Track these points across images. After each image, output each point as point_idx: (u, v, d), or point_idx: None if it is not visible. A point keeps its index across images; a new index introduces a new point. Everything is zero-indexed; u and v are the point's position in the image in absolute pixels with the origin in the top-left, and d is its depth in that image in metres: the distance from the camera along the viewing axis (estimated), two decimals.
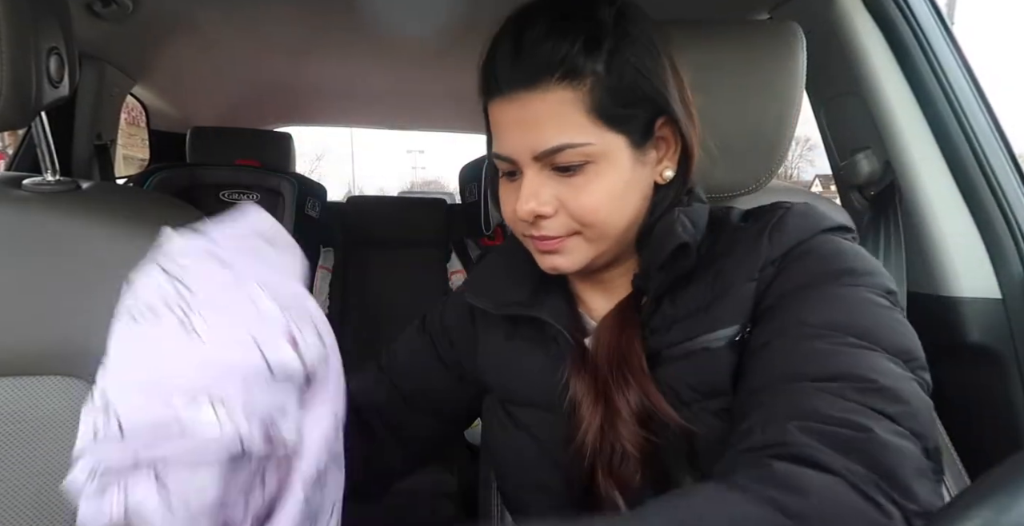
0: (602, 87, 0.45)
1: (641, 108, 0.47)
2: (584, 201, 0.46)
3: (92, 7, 1.04)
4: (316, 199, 1.81)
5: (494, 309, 0.56)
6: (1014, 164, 0.75)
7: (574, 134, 0.45)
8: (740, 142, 0.65)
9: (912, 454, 0.34)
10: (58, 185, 0.60)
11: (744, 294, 0.45)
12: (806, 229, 0.46)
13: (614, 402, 0.46)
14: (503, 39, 0.47)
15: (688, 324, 0.47)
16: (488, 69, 0.47)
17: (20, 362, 0.54)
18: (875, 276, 0.44)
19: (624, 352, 0.47)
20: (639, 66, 0.46)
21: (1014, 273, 0.73)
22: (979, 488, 0.24)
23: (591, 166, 0.46)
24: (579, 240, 0.48)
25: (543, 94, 0.44)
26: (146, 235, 0.58)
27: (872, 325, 0.40)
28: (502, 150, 0.48)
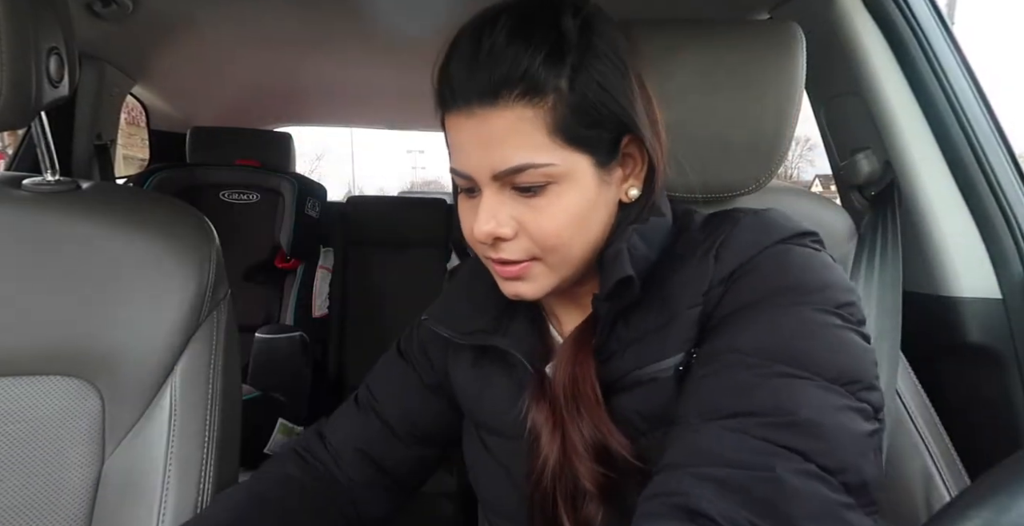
0: (564, 105, 0.42)
1: (605, 128, 0.44)
2: (545, 224, 0.44)
3: (92, 7, 1.04)
4: (316, 199, 1.81)
5: (457, 338, 0.54)
6: (1014, 164, 0.75)
7: (535, 154, 0.42)
8: (740, 142, 0.65)
9: (814, 495, 0.33)
10: (58, 185, 0.60)
11: (688, 320, 0.43)
12: (755, 244, 0.44)
13: (569, 435, 0.45)
14: (460, 45, 0.44)
15: (638, 350, 0.45)
16: (443, 78, 0.44)
17: (20, 362, 0.54)
18: (825, 290, 0.41)
19: (579, 382, 0.45)
20: (604, 83, 0.43)
21: (1014, 273, 0.72)
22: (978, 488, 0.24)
23: (553, 187, 0.43)
24: (540, 266, 0.46)
25: (502, 111, 0.41)
26: (146, 235, 0.59)
27: (809, 350, 0.38)
28: (460, 166, 0.45)
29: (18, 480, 0.54)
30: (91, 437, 0.56)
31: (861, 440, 0.36)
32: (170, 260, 0.58)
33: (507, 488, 0.52)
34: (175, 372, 0.57)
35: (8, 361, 0.54)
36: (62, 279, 0.55)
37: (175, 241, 0.59)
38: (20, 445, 0.54)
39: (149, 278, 0.57)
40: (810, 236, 0.46)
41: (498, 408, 0.52)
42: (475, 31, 0.43)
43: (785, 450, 0.34)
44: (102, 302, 0.56)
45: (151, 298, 0.57)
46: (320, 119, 2.33)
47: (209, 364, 0.59)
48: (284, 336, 1.50)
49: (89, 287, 0.56)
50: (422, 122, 2.37)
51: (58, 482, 0.55)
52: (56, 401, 0.55)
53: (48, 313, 0.55)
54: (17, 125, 0.55)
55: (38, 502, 0.54)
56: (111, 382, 0.56)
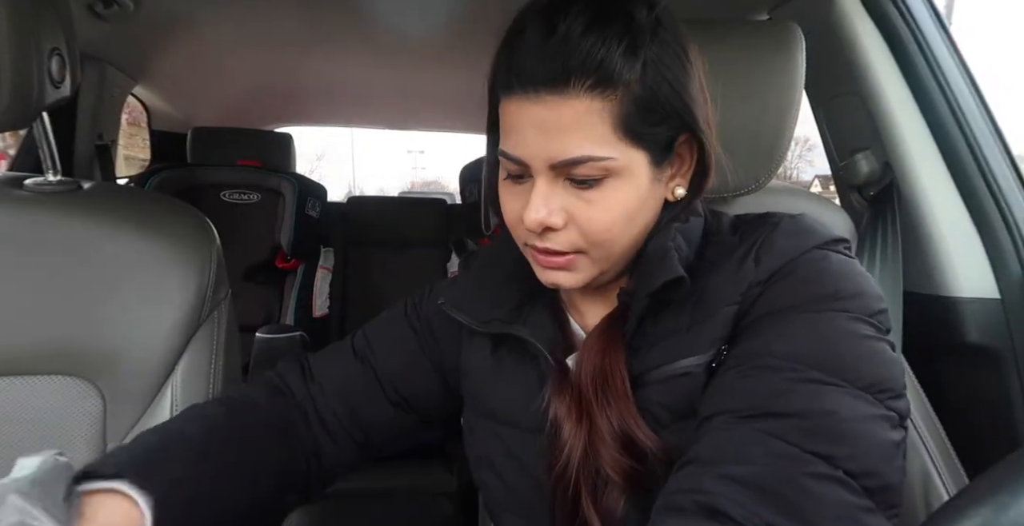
0: (632, 99, 0.41)
1: (667, 125, 0.43)
2: (597, 217, 0.44)
3: (94, 8, 1.04)
4: (316, 199, 1.81)
5: (475, 325, 0.53)
6: (1012, 165, 0.75)
7: (598, 147, 0.41)
8: (740, 142, 0.65)
9: (835, 499, 0.33)
10: (59, 185, 0.60)
11: (724, 318, 0.44)
12: (794, 248, 0.44)
13: (596, 425, 0.45)
14: (531, 25, 0.42)
15: (668, 346, 0.45)
16: (508, 58, 0.43)
17: (20, 361, 0.54)
18: (860, 298, 0.41)
19: (608, 374, 0.45)
20: (672, 81, 0.42)
21: (1013, 273, 0.73)
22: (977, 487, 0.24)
23: (609, 181, 0.43)
24: (584, 259, 0.46)
25: (571, 100, 0.40)
26: (147, 235, 0.59)
27: (843, 358, 0.39)
28: (515, 151, 0.44)
29: None
30: (92, 437, 0.56)
31: (888, 448, 0.37)
32: (171, 260, 0.58)
33: (521, 480, 0.52)
34: (176, 372, 0.57)
35: (9, 361, 0.54)
36: (63, 279, 0.55)
37: (176, 241, 0.59)
38: (21, 445, 0.54)
39: (150, 278, 0.57)
40: (843, 243, 0.46)
41: (514, 399, 0.52)
42: (548, 15, 0.41)
43: (811, 455, 0.35)
44: (103, 302, 0.56)
45: (152, 298, 0.57)
46: (320, 119, 2.34)
47: (210, 364, 0.59)
48: (284, 336, 1.50)
49: (90, 287, 0.56)
50: (422, 122, 2.38)
51: None
52: (57, 401, 0.55)
53: (49, 313, 0.55)
54: (19, 125, 0.55)
55: None
56: (112, 382, 0.56)
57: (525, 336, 0.50)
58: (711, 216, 0.51)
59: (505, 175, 0.47)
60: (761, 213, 0.49)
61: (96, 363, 0.55)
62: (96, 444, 0.56)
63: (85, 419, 0.56)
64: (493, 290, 0.55)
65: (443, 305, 0.56)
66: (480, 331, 0.53)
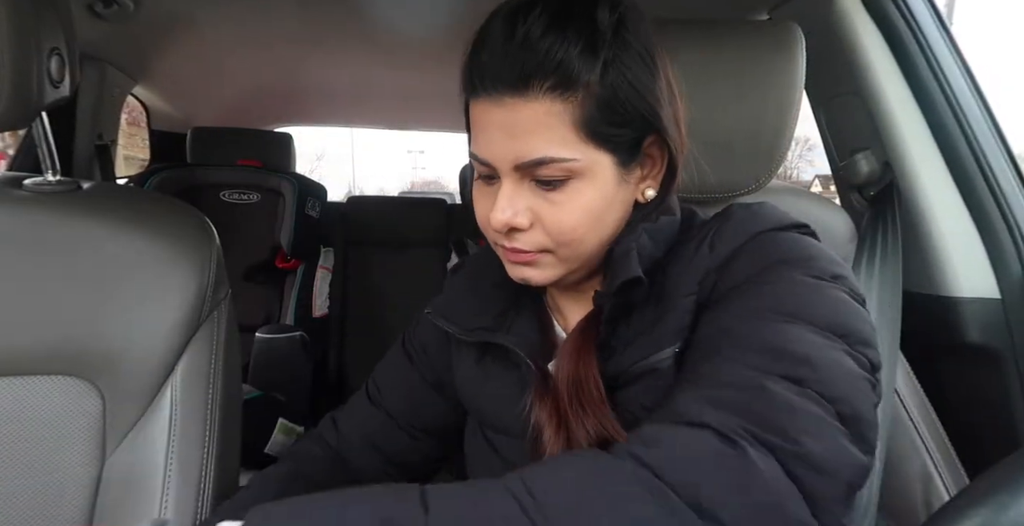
0: (593, 101, 0.42)
1: (631, 127, 0.44)
2: (562, 218, 0.44)
3: (93, 7, 1.04)
4: (316, 199, 1.81)
5: (460, 334, 0.54)
6: (1013, 165, 0.75)
7: (559, 148, 0.42)
8: (740, 142, 0.65)
9: (808, 411, 0.34)
10: (59, 185, 0.60)
11: (684, 309, 0.44)
12: (744, 232, 0.45)
13: (573, 432, 0.45)
14: (492, 31, 0.43)
15: (639, 344, 0.46)
16: (473, 63, 0.44)
17: (21, 361, 0.54)
18: (815, 260, 0.42)
19: (582, 380, 0.46)
20: (634, 81, 0.43)
21: (1013, 273, 0.73)
22: (977, 487, 0.24)
23: (573, 182, 0.43)
24: (550, 258, 0.47)
25: (531, 102, 0.41)
26: (147, 235, 0.59)
27: (801, 303, 0.39)
28: (481, 153, 0.45)
29: (19, 480, 0.54)
30: (92, 437, 0.56)
31: (855, 378, 0.37)
32: (171, 260, 0.58)
33: None
34: (176, 372, 0.57)
35: (9, 361, 0.54)
36: (63, 279, 0.55)
37: (176, 241, 0.59)
38: (20, 445, 0.54)
39: (150, 278, 0.57)
40: (802, 227, 0.47)
41: (502, 406, 0.52)
42: (510, 18, 0.42)
43: (778, 377, 0.35)
44: (103, 302, 0.56)
45: (152, 298, 0.57)
46: (320, 119, 2.34)
47: (210, 364, 0.59)
48: (284, 336, 1.50)
49: (90, 287, 0.56)
50: (422, 122, 2.38)
51: (59, 482, 0.55)
52: (57, 401, 0.55)
53: (49, 313, 0.55)
54: (18, 125, 0.55)
55: (39, 502, 0.54)
56: (112, 382, 0.56)
57: (507, 344, 0.51)
58: (687, 214, 0.51)
59: (477, 176, 0.48)
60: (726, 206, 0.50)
61: (96, 363, 0.55)
62: (96, 444, 0.56)
63: (85, 419, 0.55)
64: (479, 298, 0.56)
65: (429, 314, 0.57)
66: (466, 339, 0.54)
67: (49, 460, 0.55)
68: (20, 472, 0.54)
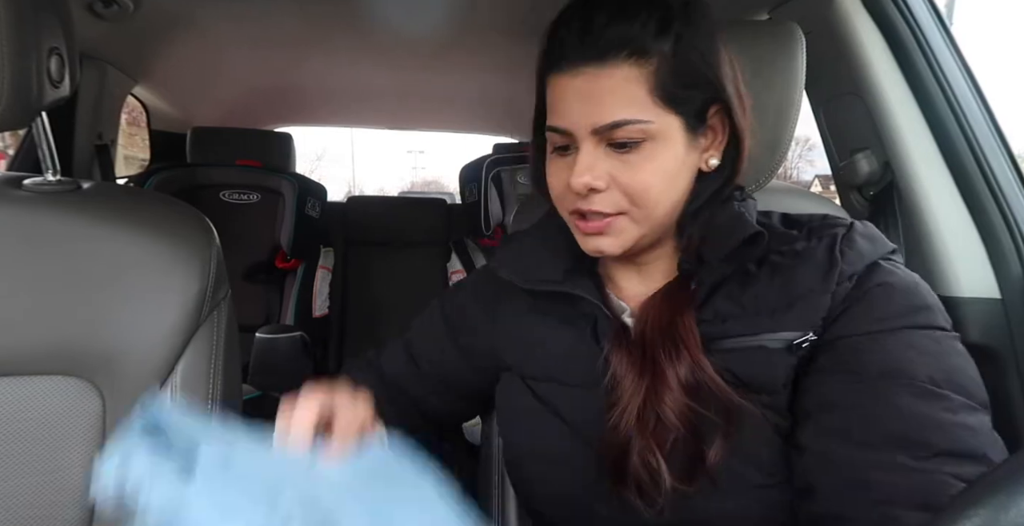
0: (666, 68, 0.46)
1: (699, 91, 0.47)
2: (638, 178, 0.47)
3: (93, 7, 1.04)
4: (316, 199, 1.81)
5: (524, 283, 0.56)
6: (1013, 164, 0.75)
7: (635, 111, 0.46)
8: None
9: None
10: (59, 185, 0.60)
11: (817, 304, 0.46)
12: (874, 252, 0.47)
13: (663, 374, 0.47)
14: (572, 15, 0.48)
15: (748, 321, 0.47)
16: (554, 42, 0.48)
17: (21, 361, 0.54)
18: (944, 312, 0.45)
19: (679, 327, 0.48)
20: (704, 52, 0.47)
21: (1013, 273, 0.73)
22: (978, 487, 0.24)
23: (647, 144, 0.47)
24: (625, 220, 0.49)
25: (611, 70, 0.45)
26: (147, 235, 0.59)
27: (971, 382, 0.42)
28: (560, 123, 0.48)
29: (19, 480, 0.54)
30: (91, 437, 0.56)
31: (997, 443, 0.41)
32: (171, 260, 0.58)
33: (559, 434, 0.53)
34: (176, 372, 0.57)
35: (8, 361, 0.54)
36: (63, 279, 0.55)
37: (176, 241, 0.59)
38: (20, 445, 0.54)
39: (150, 278, 0.57)
40: (899, 254, 0.50)
41: (557, 356, 0.54)
42: (585, 5, 0.47)
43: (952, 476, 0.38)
44: (103, 302, 0.56)
45: (152, 298, 0.57)
46: (320, 119, 2.34)
47: (210, 364, 0.59)
48: (284, 336, 1.50)
49: (90, 287, 0.56)
50: (422, 122, 2.38)
51: (59, 482, 0.55)
52: (56, 401, 0.55)
53: (49, 313, 0.55)
54: (18, 125, 0.55)
55: (39, 502, 0.54)
56: (112, 382, 0.56)
57: (582, 294, 0.52)
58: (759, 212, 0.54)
59: (552, 150, 0.52)
60: (820, 215, 0.53)
61: (96, 363, 0.55)
62: (96, 444, 0.56)
63: (85, 419, 0.56)
64: (544, 256, 0.57)
65: (493, 268, 0.60)
66: (528, 290, 0.56)
67: (49, 460, 0.55)
68: (20, 472, 0.54)
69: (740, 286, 0.49)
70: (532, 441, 0.56)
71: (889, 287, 0.45)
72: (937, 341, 0.43)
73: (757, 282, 0.48)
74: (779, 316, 0.47)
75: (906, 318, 0.44)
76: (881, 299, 0.45)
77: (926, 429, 0.40)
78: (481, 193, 1.87)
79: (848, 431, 0.42)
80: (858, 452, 0.41)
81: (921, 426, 0.40)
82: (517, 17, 1.14)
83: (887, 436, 0.41)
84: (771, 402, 0.46)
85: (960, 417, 0.40)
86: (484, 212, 1.87)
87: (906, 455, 0.39)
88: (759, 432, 0.45)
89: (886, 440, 0.41)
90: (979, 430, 0.40)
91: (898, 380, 0.42)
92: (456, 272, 1.95)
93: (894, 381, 0.42)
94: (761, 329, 0.47)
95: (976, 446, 0.39)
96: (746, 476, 0.45)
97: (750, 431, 0.45)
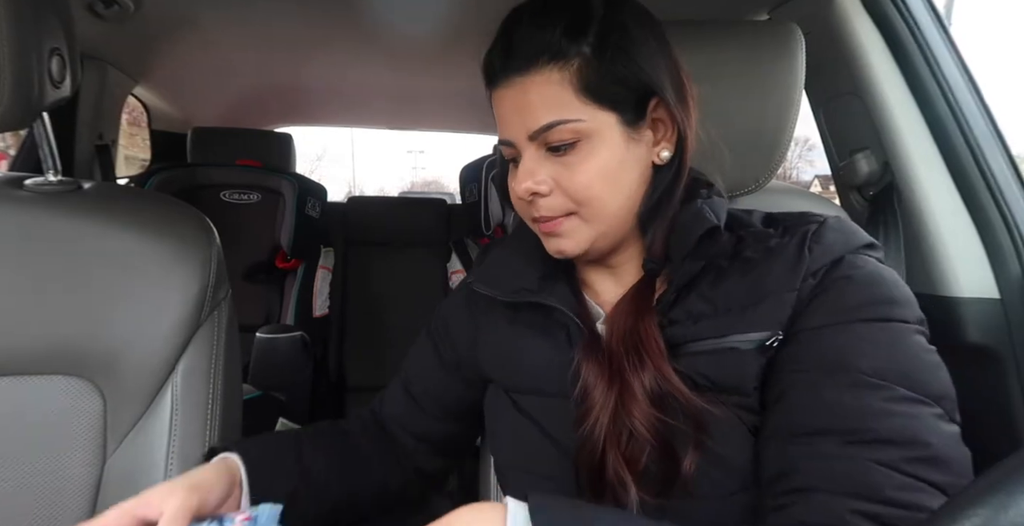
0: (590, 67, 0.46)
1: (629, 87, 0.48)
2: (577, 178, 0.48)
3: (94, 8, 1.04)
4: (316, 199, 1.81)
5: (500, 295, 0.56)
6: (1012, 164, 0.75)
7: (564, 112, 0.46)
8: (740, 142, 0.65)
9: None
10: (60, 185, 0.60)
11: (784, 302, 0.46)
12: (843, 245, 0.47)
13: (629, 384, 0.47)
14: (499, 34, 0.50)
15: (719, 322, 0.47)
16: (487, 63, 0.51)
17: (22, 361, 0.54)
18: (912, 306, 0.45)
19: (641, 335, 0.48)
20: (628, 50, 0.47)
21: (1012, 273, 0.73)
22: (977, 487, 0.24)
23: (583, 144, 0.47)
24: (576, 221, 0.50)
25: (534, 76, 0.47)
26: (147, 235, 0.59)
27: (921, 374, 0.41)
28: (502, 134, 0.51)
29: (19, 479, 0.54)
30: (93, 436, 0.56)
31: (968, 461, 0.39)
32: (171, 260, 0.58)
33: (541, 446, 0.53)
34: (176, 372, 0.58)
35: (10, 360, 0.54)
36: (64, 279, 0.55)
37: (176, 241, 0.59)
38: (21, 445, 0.54)
39: (150, 278, 0.57)
40: (878, 249, 0.49)
41: (536, 367, 0.54)
42: (506, 24, 0.50)
43: (931, 487, 0.37)
44: (104, 302, 0.56)
45: (152, 298, 0.57)
46: (320, 119, 2.34)
47: (210, 364, 0.59)
48: (284, 336, 1.50)
49: (91, 287, 0.56)
50: (422, 122, 2.38)
51: (60, 481, 0.55)
52: (58, 401, 0.55)
53: (50, 313, 0.55)
54: (19, 125, 0.55)
55: (40, 501, 0.54)
56: (112, 382, 0.56)
57: (553, 304, 0.53)
58: (738, 210, 0.54)
59: (506, 161, 0.54)
60: (799, 212, 0.52)
61: (96, 363, 0.55)
62: (97, 444, 0.56)
63: (85, 419, 0.56)
64: (519, 264, 0.58)
65: (471, 283, 0.60)
66: (505, 301, 0.56)
67: (50, 460, 0.55)
68: (20, 472, 0.54)
69: (712, 284, 0.49)
70: (515, 454, 0.56)
71: (849, 280, 0.45)
72: (892, 333, 0.43)
73: (729, 279, 0.48)
74: (749, 314, 0.46)
75: (862, 311, 0.43)
76: (840, 292, 0.45)
77: (860, 418, 0.39)
78: (481, 193, 1.87)
79: (783, 425, 0.43)
80: (788, 444, 0.42)
81: (853, 415, 0.40)
82: None
83: (817, 426, 0.41)
84: (744, 403, 0.46)
85: (902, 407, 0.39)
86: (484, 212, 1.87)
87: (833, 441, 0.39)
88: (733, 436, 0.45)
89: (815, 430, 0.41)
90: (925, 420, 0.39)
91: (839, 372, 0.42)
92: (456, 272, 1.95)
93: (835, 373, 0.42)
94: (731, 330, 0.46)
95: (914, 434, 0.38)
96: (724, 482, 0.45)
97: (723, 437, 0.45)
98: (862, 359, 0.42)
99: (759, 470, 0.44)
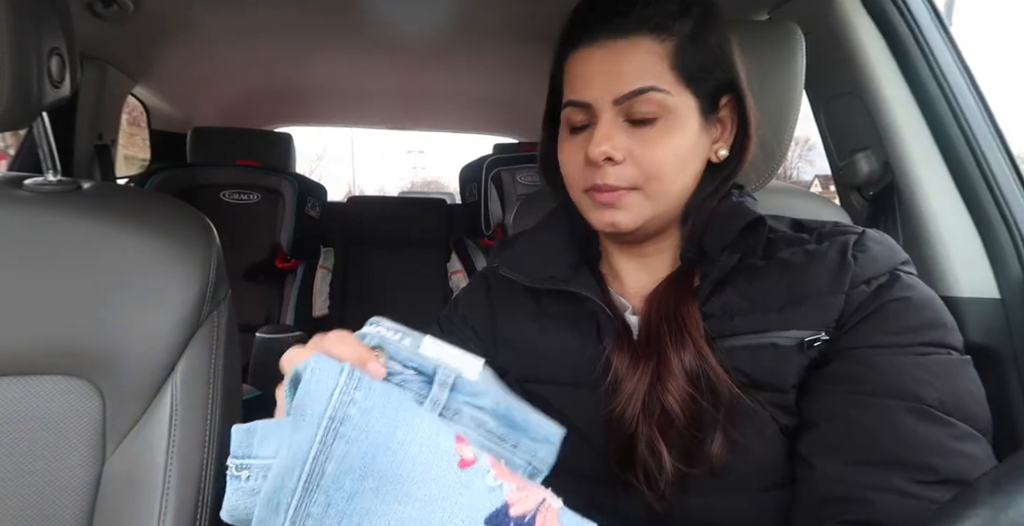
0: (685, 48, 0.48)
1: (714, 75, 0.49)
2: (654, 153, 0.48)
3: (93, 8, 1.04)
4: (316, 199, 1.81)
5: (529, 282, 0.56)
6: (1012, 164, 0.75)
7: (657, 81, 0.47)
8: None
9: None
10: (59, 185, 0.60)
11: (829, 305, 0.46)
12: (889, 259, 0.47)
13: (668, 361, 0.47)
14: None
15: (757, 318, 0.47)
16: (578, 19, 0.51)
17: (21, 361, 0.54)
18: (956, 330, 0.45)
19: (683, 315, 0.48)
20: (720, 41, 0.49)
21: (1012, 273, 0.73)
22: (977, 487, 0.24)
23: (663, 121, 0.48)
24: (638, 196, 0.50)
25: (634, 42, 0.47)
26: (147, 235, 0.59)
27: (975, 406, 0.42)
28: (581, 96, 0.50)
29: (19, 480, 0.54)
30: (92, 437, 0.56)
31: None
32: (171, 260, 0.58)
33: None
34: (176, 372, 0.57)
35: (9, 361, 0.54)
36: (63, 279, 0.55)
37: (176, 241, 0.59)
38: (21, 445, 0.54)
39: (150, 278, 0.57)
40: (911, 264, 0.49)
41: (557, 356, 0.54)
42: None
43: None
44: (103, 302, 0.56)
45: (152, 298, 0.57)
46: (320, 119, 2.34)
47: (210, 364, 0.59)
48: (284, 336, 1.50)
49: (90, 287, 0.56)
50: (422, 122, 2.38)
51: (59, 482, 0.55)
52: (57, 401, 0.55)
53: (49, 313, 0.55)
54: (19, 125, 0.55)
55: (39, 502, 0.54)
56: (112, 382, 0.56)
57: (586, 293, 0.52)
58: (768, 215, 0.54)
59: (567, 130, 0.53)
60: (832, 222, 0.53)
61: (96, 363, 0.55)
62: (96, 444, 0.56)
63: (85, 419, 0.56)
64: (548, 253, 0.58)
65: (497, 267, 0.59)
66: (530, 289, 0.56)
67: (49, 460, 0.55)
68: (20, 472, 0.54)
69: (748, 281, 0.49)
70: None
71: (908, 302, 0.45)
72: (949, 364, 0.43)
73: (765, 278, 0.48)
74: (788, 313, 0.46)
75: (921, 335, 0.43)
76: (898, 314, 0.44)
77: (929, 454, 0.39)
78: (481, 193, 1.87)
79: (845, 447, 0.42)
80: (853, 469, 0.41)
81: (924, 450, 0.39)
82: (517, 17, 1.14)
83: (886, 456, 0.40)
84: (779, 401, 0.46)
85: (964, 446, 0.40)
86: (484, 212, 1.87)
87: (903, 477, 0.39)
88: (763, 432, 0.45)
89: (885, 460, 0.40)
90: (981, 460, 0.40)
91: (905, 400, 0.41)
92: (456, 272, 1.95)
93: (901, 401, 0.41)
94: (771, 326, 0.46)
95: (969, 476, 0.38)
96: (750, 477, 0.45)
97: (753, 430, 0.45)
98: (928, 389, 0.41)
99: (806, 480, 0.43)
